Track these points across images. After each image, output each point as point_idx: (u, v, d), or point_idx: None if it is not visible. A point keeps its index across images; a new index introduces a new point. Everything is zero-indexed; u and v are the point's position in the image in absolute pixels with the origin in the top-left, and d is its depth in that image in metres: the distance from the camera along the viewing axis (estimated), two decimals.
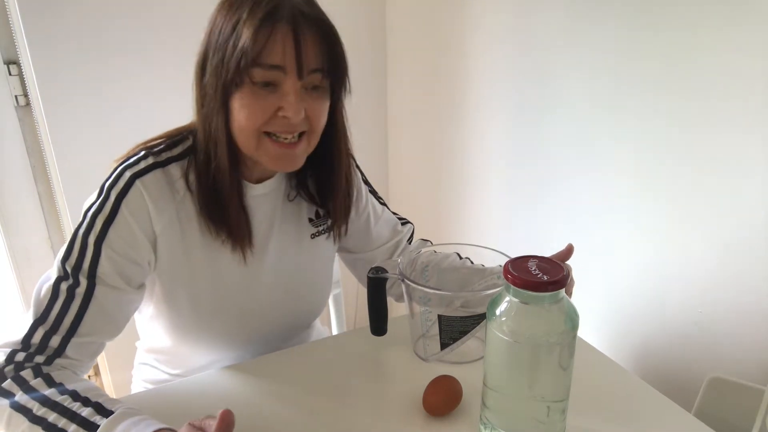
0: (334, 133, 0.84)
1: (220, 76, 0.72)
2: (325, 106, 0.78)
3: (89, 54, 1.47)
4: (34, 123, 1.55)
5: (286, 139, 0.75)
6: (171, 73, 1.54)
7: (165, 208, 0.78)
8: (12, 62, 1.50)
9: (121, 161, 0.78)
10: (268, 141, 0.75)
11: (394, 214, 1.06)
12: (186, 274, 0.82)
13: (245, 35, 0.69)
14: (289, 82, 0.72)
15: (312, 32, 0.72)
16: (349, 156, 0.90)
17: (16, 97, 1.52)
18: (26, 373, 0.70)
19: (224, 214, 0.80)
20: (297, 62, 0.71)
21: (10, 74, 1.50)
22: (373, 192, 1.03)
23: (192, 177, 0.79)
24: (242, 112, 0.73)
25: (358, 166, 1.00)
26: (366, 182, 1.01)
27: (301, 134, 0.77)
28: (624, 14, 1.04)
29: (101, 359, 1.76)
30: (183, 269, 0.82)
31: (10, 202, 1.59)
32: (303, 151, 0.79)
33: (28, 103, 1.53)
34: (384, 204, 1.05)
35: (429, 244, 1.04)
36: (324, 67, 0.74)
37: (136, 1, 1.49)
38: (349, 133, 0.87)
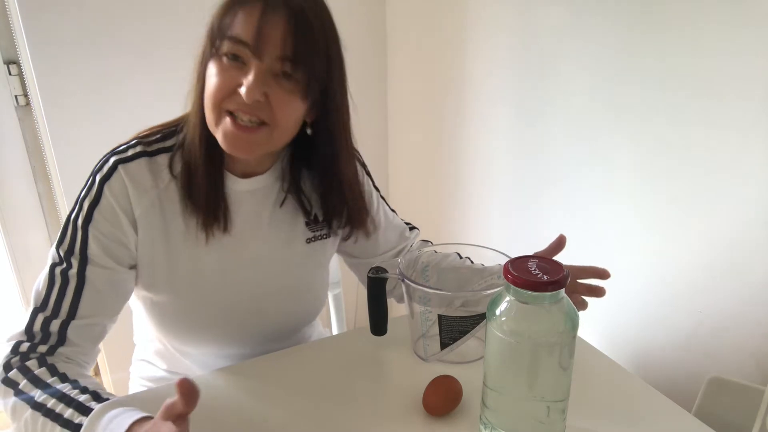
0: (332, 140, 0.82)
1: (201, 47, 0.76)
2: (292, 100, 0.74)
3: (89, 54, 1.47)
4: (34, 123, 1.55)
5: (242, 120, 0.74)
6: (171, 72, 1.54)
7: (145, 193, 0.79)
8: (12, 62, 1.50)
9: (112, 149, 0.81)
10: (227, 118, 0.74)
11: (401, 219, 1.06)
12: (164, 261, 0.83)
13: (221, 7, 0.73)
14: (253, 61, 0.72)
15: (282, 16, 0.70)
16: (355, 163, 0.89)
17: (16, 97, 1.52)
18: (31, 363, 0.73)
19: (198, 193, 0.80)
20: (256, 40, 0.70)
21: (10, 74, 1.50)
22: (383, 198, 1.02)
23: (177, 165, 0.81)
24: (208, 82, 0.74)
25: (368, 173, 0.99)
26: (376, 188, 1.01)
27: (264, 124, 0.75)
28: (625, 12, 1.04)
29: (101, 359, 1.77)
30: (162, 257, 0.83)
31: (10, 202, 1.59)
32: (261, 142, 0.76)
33: (28, 103, 1.53)
34: (393, 210, 1.04)
35: (429, 244, 1.04)
36: (288, 55, 0.71)
37: (137, 1, 1.49)
38: (354, 141, 0.86)
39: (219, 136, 0.76)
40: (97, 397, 0.69)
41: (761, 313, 0.91)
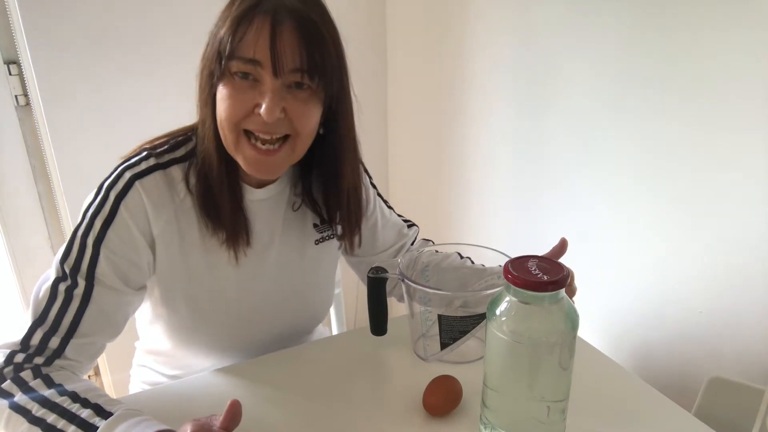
0: (338, 141, 0.81)
1: (206, 67, 0.73)
2: (310, 108, 0.74)
3: (89, 54, 1.47)
4: (34, 123, 1.55)
5: (264, 144, 0.73)
6: (172, 72, 1.54)
7: (163, 210, 0.77)
8: (12, 62, 1.50)
9: (122, 161, 0.78)
10: (246, 143, 0.73)
11: (400, 216, 1.06)
12: (184, 276, 0.82)
13: (227, 26, 0.69)
14: (267, 79, 0.70)
15: (292, 28, 0.69)
16: (359, 166, 0.88)
17: (16, 97, 1.52)
18: (26, 374, 0.70)
19: (220, 213, 0.79)
20: (272, 58, 0.68)
21: (10, 74, 1.50)
22: (380, 195, 1.02)
23: (193, 179, 0.79)
24: (222, 104, 0.72)
25: (366, 170, 0.99)
26: (373, 186, 1.00)
27: (285, 138, 0.75)
28: (626, 12, 1.04)
29: (101, 359, 1.76)
30: (181, 272, 0.82)
31: (10, 202, 1.59)
32: (284, 159, 0.76)
33: (28, 103, 1.53)
34: (390, 207, 1.04)
35: (431, 243, 1.04)
36: (304, 68, 0.70)
37: (137, 1, 1.49)
38: (359, 145, 0.85)
39: (241, 160, 0.75)
40: (100, 410, 0.67)
41: (761, 313, 0.91)
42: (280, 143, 0.75)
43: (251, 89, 0.71)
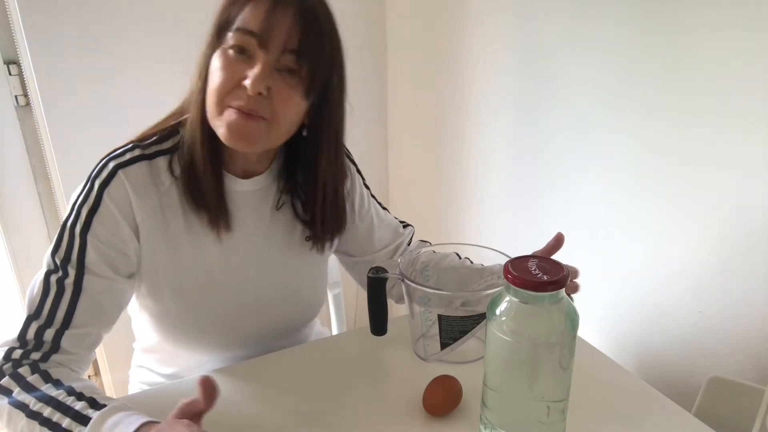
0: (320, 139, 0.82)
1: (205, 40, 0.75)
2: (293, 95, 0.74)
3: (89, 54, 1.47)
4: (34, 123, 1.55)
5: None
6: (171, 72, 1.54)
7: (147, 198, 0.78)
8: (12, 62, 1.50)
9: (108, 153, 0.79)
10: (228, 109, 0.73)
11: (395, 218, 1.06)
12: (169, 266, 0.82)
13: (229, 1, 0.73)
14: (260, 54, 0.71)
15: (292, 11, 0.71)
16: (341, 169, 0.87)
17: (16, 97, 1.52)
18: (24, 370, 0.71)
19: (204, 194, 0.79)
20: (265, 31, 0.70)
21: (10, 74, 1.50)
22: (374, 196, 1.03)
23: (177, 168, 0.80)
24: (213, 76, 0.73)
25: (359, 171, 0.99)
26: (366, 186, 1.01)
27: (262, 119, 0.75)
28: (626, 13, 1.04)
29: (101, 359, 1.77)
30: (166, 262, 0.82)
31: (10, 202, 1.59)
32: (260, 132, 0.74)
33: (28, 103, 1.53)
34: (385, 208, 1.04)
35: (428, 244, 1.04)
36: (294, 48, 0.71)
37: (137, 1, 1.49)
38: (342, 149, 0.85)
39: (222, 128, 0.74)
40: (94, 403, 0.68)
41: (761, 313, 0.92)
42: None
43: (243, 63, 0.72)
